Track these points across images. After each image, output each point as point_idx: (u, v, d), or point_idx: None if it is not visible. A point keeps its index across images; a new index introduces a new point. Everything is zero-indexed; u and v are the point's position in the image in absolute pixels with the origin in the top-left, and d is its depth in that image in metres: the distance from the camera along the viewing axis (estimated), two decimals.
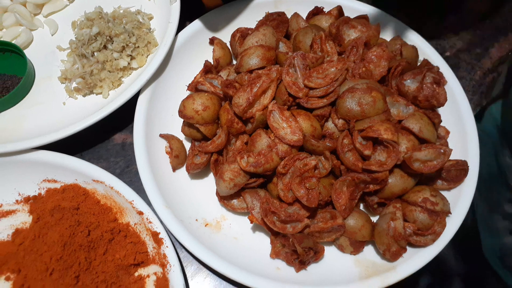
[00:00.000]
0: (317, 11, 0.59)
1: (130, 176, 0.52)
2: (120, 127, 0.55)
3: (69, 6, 0.62)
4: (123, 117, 0.53)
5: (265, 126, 0.49)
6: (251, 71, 0.51)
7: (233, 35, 0.58)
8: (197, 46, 0.59)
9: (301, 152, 0.47)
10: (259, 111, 0.48)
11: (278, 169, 0.45)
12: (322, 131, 0.49)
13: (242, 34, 0.57)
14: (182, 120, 0.52)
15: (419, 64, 0.55)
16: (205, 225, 0.49)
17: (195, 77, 0.56)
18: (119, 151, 0.54)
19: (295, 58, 0.50)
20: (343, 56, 0.52)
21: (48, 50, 0.59)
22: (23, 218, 0.49)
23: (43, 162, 0.50)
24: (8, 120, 0.53)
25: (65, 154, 0.49)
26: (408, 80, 0.51)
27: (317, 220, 0.45)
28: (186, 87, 0.55)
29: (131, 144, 0.54)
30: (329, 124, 0.49)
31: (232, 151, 0.49)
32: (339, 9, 0.58)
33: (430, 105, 0.51)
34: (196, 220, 0.49)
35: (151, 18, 0.60)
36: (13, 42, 0.58)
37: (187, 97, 0.50)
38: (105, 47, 0.55)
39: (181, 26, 0.57)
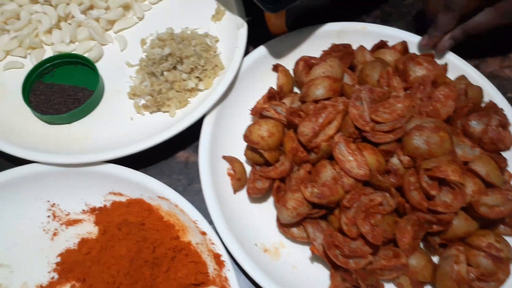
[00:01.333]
0: (381, 45, 0.60)
1: (191, 195, 0.53)
2: (183, 145, 0.57)
3: (139, 23, 0.64)
4: (187, 136, 0.55)
5: (329, 157, 0.50)
6: (316, 101, 0.52)
7: (296, 63, 0.59)
8: (261, 72, 0.60)
9: (367, 186, 0.47)
10: (324, 141, 0.49)
11: (343, 202, 0.46)
12: (386, 166, 0.49)
13: (306, 63, 0.58)
14: (245, 143, 0.53)
15: (483, 105, 0.55)
16: (264, 251, 0.49)
17: (257, 102, 0.58)
18: (182, 169, 0.56)
19: (362, 92, 0.51)
20: (408, 92, 0.53)
21: (117, 65, 0.61)
22: (88, 228, 0.51)
23: (110, 175, 0.51)
24: (78, 131, 0.56)
25: (132, 169, 0.51)
26: (474, 122, 0.51)
27: (380, 257, 0.46)
28: (249, 111, 0.57)
29: (194, 163, 0.56)
30: (394, 160, 0.49)
31: (295, 179, 0.50)
32: (404, 45, 0.59)
33: (495, 148, 0.51)
34: (256, 245, 0.49)
35: (217, 41, 0.61)
36: (85, 55, 0.60)
37: (254, 123, 0.51)
38: (174, 67, 0.56)
39: (245, 51, 0.59)
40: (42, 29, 0.61)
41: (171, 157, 0.56)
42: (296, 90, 0.60)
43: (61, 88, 0.58)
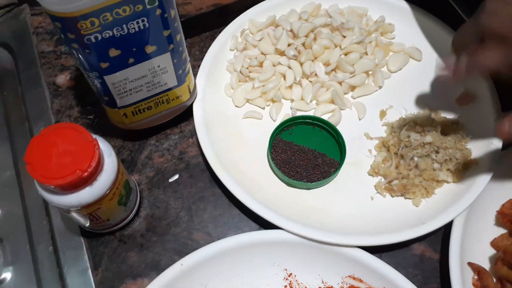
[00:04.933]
0: None
1: None
2: (419, 237, 0.54)
3: (378, 91, 0.63)
4: None
5: None
6: None
7: None
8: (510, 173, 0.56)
9: None
10: None
11: None
12: None
13: None
14: (489, 251, 0.49)
15: None
16: None
17: (504, 206, 0.54)
18: (417, 264, 0.53)
19: None
20: None
21: (354, 135, 0.60)
22: None
23: (352, 258, 0.50)
24: (316, 200, 0.55)
25: (378, 258, 0.49)
26: None
27: None
28: (495, 214, 0.53)
29: (430, 258, 0.53)
30: None
31: None
32: None
33: None
34: None
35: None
36: (323, 118, 0.59)
37: None
38: (427, 155, 0.54)
39: None
40: (286, 84, 0.62)
41: (406, 248, 0.54)
42: None
43: (301, 149, 0.58)
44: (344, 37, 0.63)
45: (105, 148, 0.47)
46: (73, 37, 0.42)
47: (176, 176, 0.59)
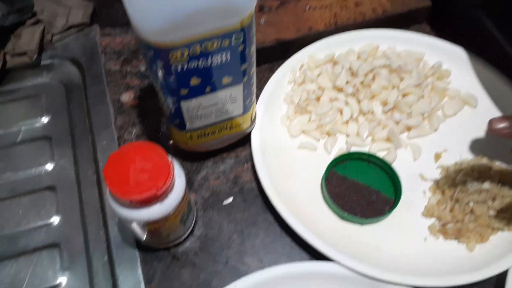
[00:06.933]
0: None
1: None
2: (472, 283, 0.54)
3: (433, 134, 0.64)
4: None
5: None
6: None
7: None
8: None
9: None
10: None
11: None
12: None
13: None
14: None
15: None
16: None
17: None
18: None
19: None
20: None
21: (409, 174, 0.60)
22: None
23: None
24: (369, 237, 0.56)
25: None
26: None
27: None
28: None
29: None
30: None
31: None
32: None
33: None
34: None
35: None
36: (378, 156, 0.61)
37: None
38: (484, 201, 0.54)
39: None
40: (342, 120, 0.64)
41: None
42: None
43: (355, 185, 0.59)
44: (402, 79, 0.65)
45: (177, 168, 0.49)
46: (161, 65, 0.45)
47: (230, 199, 0.60)
